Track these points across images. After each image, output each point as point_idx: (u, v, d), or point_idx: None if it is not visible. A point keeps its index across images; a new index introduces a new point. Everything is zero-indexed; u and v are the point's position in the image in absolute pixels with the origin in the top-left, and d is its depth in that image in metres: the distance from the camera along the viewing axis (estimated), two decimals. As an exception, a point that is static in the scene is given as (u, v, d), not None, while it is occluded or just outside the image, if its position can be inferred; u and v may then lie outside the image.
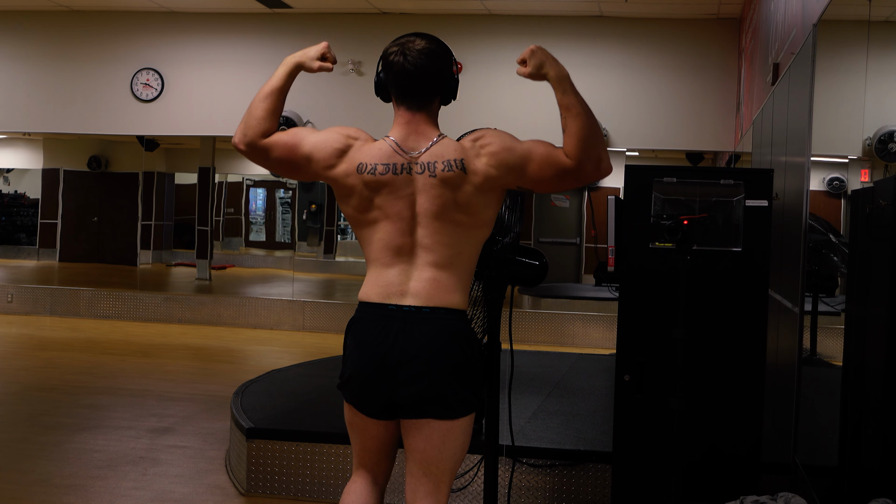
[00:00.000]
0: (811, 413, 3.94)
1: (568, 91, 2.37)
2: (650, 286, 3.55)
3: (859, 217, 3.29)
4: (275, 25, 9.82)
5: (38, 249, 15.74)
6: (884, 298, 2.99)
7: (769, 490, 3.39)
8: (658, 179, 3.52)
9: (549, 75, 2.40)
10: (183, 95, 10.00)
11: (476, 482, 3.97)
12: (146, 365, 7.62)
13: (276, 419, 4.49)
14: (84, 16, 10.14)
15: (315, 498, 4.19)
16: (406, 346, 2.39)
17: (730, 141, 8.97)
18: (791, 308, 3.98)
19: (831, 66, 3.82)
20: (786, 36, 4.76)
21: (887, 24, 3.47)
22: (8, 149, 16.03)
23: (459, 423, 2.43)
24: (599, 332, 9.23)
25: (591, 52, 9.38)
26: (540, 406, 4.92)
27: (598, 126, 2.37)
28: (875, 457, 3.06)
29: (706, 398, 3.52)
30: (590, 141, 2.34)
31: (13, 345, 8.57)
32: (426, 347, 2.39)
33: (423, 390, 2.39)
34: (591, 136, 2.35)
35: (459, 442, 2.45)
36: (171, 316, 10.13)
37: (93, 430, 5.30)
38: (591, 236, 13.18)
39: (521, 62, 2.44)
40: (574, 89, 2.38)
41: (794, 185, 4.04)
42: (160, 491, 4.28)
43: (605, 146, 2.33)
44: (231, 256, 15.96)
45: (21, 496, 4.15)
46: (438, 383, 2.39)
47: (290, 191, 16.57)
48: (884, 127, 3.59)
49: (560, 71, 2.39)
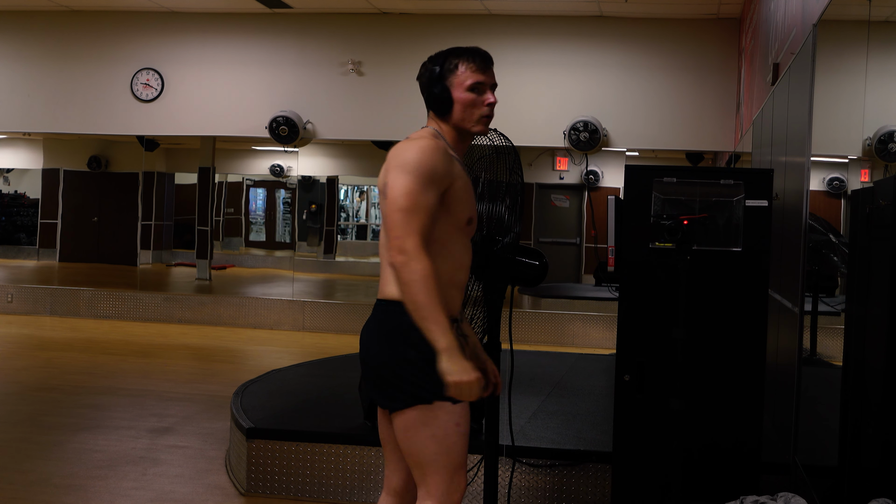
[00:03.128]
0: (811, 413, 3.94)
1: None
2: (650, 286, 3.55)
3: (859, 217, 3.29)
4: (275, 25, 9.82)
5: (38, 249, 15.74)
6: (884, 298, 2.98)
7: (769, 490, 3.39)
8: (658, 179, 3.52)
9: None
10: (183, 95, 10.00)
11: (476, 482, 3.97)
12: (146, 365, 7.62)
13: (276, 419, 4.49)
14: (84, 16, 10.14)
15: (315, 498, 4.19)
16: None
17: (730, 141, 8.97)
18: (791, 308, 3.98)
19: (831, 66, 3.82)
20: (786, 36, 4.76)
21: (887, 24, 3.46)
22: (8, 149, 16.03)
23: (412, 414, 2.41)
24: (599, 332, 9.23)
25: (590, 52, 9.38)
26: (540, 406, 4.92)
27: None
28: (875, 457, 3.06)
29: (706, 398, 3.52)
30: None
31: (13, 345, 8.57)
32: (363, 339, 2.50)
33: (368, 382, 2.53)
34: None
35: (424, 434, 2.41)
36: (171, 316, 10.13)
37: (93, 430, 5.30)
38: (591, 236, 13.18)
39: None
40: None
41: (794, 185, 4.04)
42: (160, 491, 4.28)
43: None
44: (231, 256, 15.96)
45: (21, 496, 4.15)
46: (368, 377, 2.51)
47: (290, 191, 16.57)
48: (884, 127, 3.59)
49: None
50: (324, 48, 9.70)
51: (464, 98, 2.52)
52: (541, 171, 13.27)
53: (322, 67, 9.70)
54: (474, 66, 2.54)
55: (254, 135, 9.88)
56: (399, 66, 9.26)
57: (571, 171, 13.41)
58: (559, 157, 13.29)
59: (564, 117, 9.30)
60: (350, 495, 4.16)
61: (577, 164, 13.27)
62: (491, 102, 2.55)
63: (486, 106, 2.54)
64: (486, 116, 2.55)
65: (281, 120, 9.61)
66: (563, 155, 13.19)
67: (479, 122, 2.54)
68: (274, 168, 15.65)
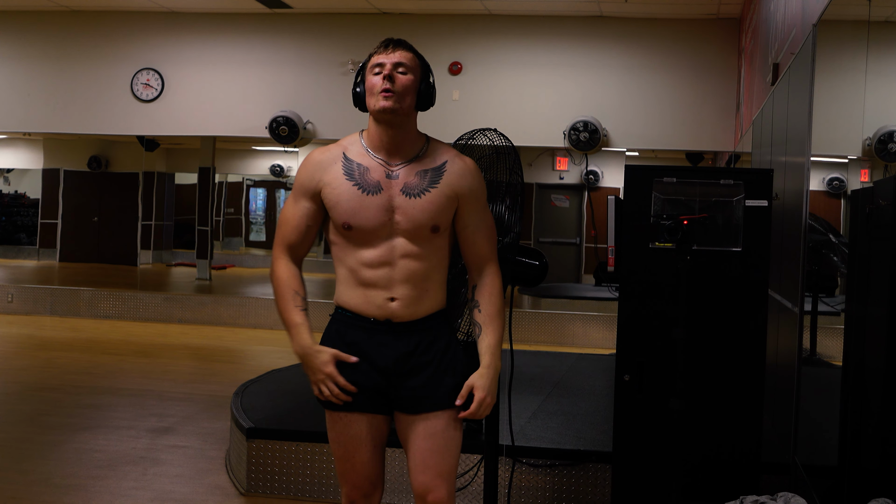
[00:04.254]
0: (811, 413, 3.94)
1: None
2: (650, 286, 3.55)
3: (859, 217, 3.29)
4: (275, 25, 9.82)
5: (39, 249, 15.75)
6: (884, 298, 2.99)
7: (769, 490, 3.39)
8: (658, 179, 3.52)
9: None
10: (183, 95, 10.00)
11: (476, 482, 3.97)
12: (146, 365, 7.62)
13: (276, 419, 4.49)
14: (84, 16, 10.14)
15: (315, 498, 4.19)
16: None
17: (730, 141, 8.97)
18: (791, 308, 3.98)
19: (831, 66, 3.82)
20: (786, 36, 4.76)
21: (887, 24, 3.47)
22: (8, 149, 16.04)
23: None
24: (599, 332, 9.23)
25: (590, 52, 9.39)
26: (540, 406, 4.92)
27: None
28: (875, 457, 3.06)
29: (706, 398, 3.52)
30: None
31: (13, 345, 8.57)
32: None
33: None
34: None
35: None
36: (171, 316, 10.14)
37: (93, 430, 5.30)
38: (591, 236, 13.18)
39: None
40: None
41: (794, 185, 4.04)
42: (160, 491, 4.28)
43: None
44: (231, 256, 15.96)
45: (21, 496, 4.16)
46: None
47: (289, 191, 16.56)
48: (884, 127, 3.59)
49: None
50: (324, 48, 9.70)
51: (368, 84, 2.50)
52: (541, 171, 13.27)
53: (322, 67, 9.70)
54: (377, 51, 2.52)
55: (254, 135, 9.89)
56: (399, 66, 9.25)
57: (571, 171, 13.41)
58: (559, 157, 13.30)
59: (564, 117, 9.30)
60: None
61: (577, 164, 13.28)
62: (386, 76, 2.44)
63: (382, 80, 2.45)
64: (381, 91, 2.45)
65: (281, 120, 9.61)
66: (563, 155, 13.19)
67: (378, 101, 2.46)
68: (274, 168, 15.65)
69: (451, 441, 2.52)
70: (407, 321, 2.49)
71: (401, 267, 2.47)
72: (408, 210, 2.46)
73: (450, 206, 2.50)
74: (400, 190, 2.47)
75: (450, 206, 2.50)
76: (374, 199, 2.45)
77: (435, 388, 2.50)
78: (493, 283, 2.56)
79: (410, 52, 2.52)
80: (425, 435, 2.50)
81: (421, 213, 2.46)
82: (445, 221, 2.50)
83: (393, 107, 2.44)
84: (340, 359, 2.50)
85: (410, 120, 2.52)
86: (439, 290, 2.54)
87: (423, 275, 2.49)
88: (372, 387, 2.51)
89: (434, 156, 2.53)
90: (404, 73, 2.47)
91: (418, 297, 2.49)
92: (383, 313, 2.48)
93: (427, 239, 2.48)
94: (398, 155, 2.50)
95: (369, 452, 2.55)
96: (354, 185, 2.46)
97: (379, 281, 2.47)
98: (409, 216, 2.46)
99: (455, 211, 2.52)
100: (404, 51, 2.50)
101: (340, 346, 2.53)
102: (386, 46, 2.50)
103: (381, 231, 2.46)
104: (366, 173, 2.47)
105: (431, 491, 2.50)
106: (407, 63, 2.48)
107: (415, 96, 2.50)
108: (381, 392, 2.53)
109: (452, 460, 2.53)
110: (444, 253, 2.55)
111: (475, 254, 2.56)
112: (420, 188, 2.47)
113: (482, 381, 2.48)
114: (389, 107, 2.44)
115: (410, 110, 2.50)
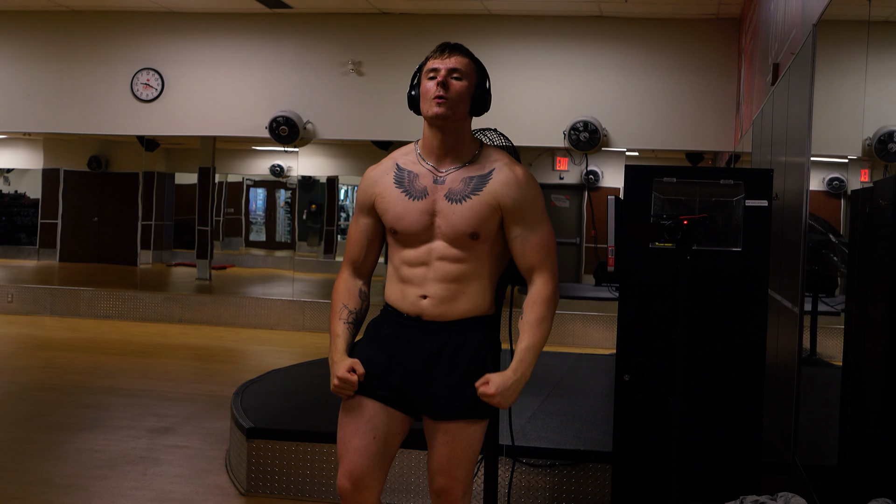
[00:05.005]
0: (811, 413, 3.94)
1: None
2: (650, 286, 3.55)
3: (859, 217, 3.29)
4: (275, 25, 9.82)
5: (39, 249, 15.74)
6: (884, 298, 2.99)
7: (769, 490, 3.39)
8: (658, 179, 3.52)
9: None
10: (183, 95, 10.00)
11: (476, 482, 3.97)
12: (146, 365, 7.62)
13: (276, 419, 4.49)
14: (84, 16, 10.14)
15: (315, 498, 4.19)
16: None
17: (730, 141, 8.97)
18: (791, 308, 3.98)
19: (831, 66, 3.82)
20: (786, 36, 4.76)
21: (887, 24, 3.47)
22: (8, 149, 16.03)
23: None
24: (599, 332, 9.23)
25: (590, 52, 9.39)
26: (540, 406, 4.92)
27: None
28: (875, 457, 3.06)
29: (706, 398, 3.52)
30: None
31: (13, 345, 8.57)
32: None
33: None
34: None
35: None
36: (171, 316, 10.13)
37: (93, 430, 5.30)
38: (591, 236, 13.18)
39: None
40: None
41: (794, 185, 4.04)
42: (160, 491, 4.28)
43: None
44: (231, 256, 15.95)
45: (21, 496, 4.16)
46: None
47: (290, 191, 16.57)
48: (884, 127, 3.59)
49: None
50: (324, 48, 9.70)
51: (423, 89, 2.54)
52: (541, 171, 13.26)
53: (322, 67, 9.70)
54: (433, 55, 2.54)
55: (254, 135, 9.89)
56: (399, 66, 9.26)
57: (571, 171, 13.41)
58: (559, 157, 13.29)
59: (564, 117, 9.30)
60: (350, 495, 4.15)
61: (577, 164, 13.27)
62: (440, 82, 2.47)
63: (436, 86, 2.48)
64: (434, 97, 2.48)
65: (281, 120, 9.61)
66: (563, 155, 13.19)
67: (431, 107, 2.50)
68: (274, 168, 15.64)
69: (469, 450, 2.54)
70: (437, 321, 2.51)
71: (436, 267, 2.50)
72: (448, 215, 2.49)
73: (491, 214, 2.50)
74: (444, 195, 2.50)
75: (491, 215, 2.50)
76: (418, 205, 2.50)
77: (457, 397, 2.50)
78: (539, 291, 2.54)
79: (466, 58, 2.53)
80: (445, 441, 2.53)
81: (460, 219, 2.48)
82: (487, 230, 2.50)
83: (446, 113, 2.47)
84: (354, 368, 2.52)
85: (464, 126, 2.55)
86: (478, 295, 2.53)
87: (458, 276, 2.50)
88: (392, 382, 2.53)
89: (484, 162, 2.55)
90: (459, 78, 2.50)
91: (451, 297, 2.50)
92: (415, 310, 2.52)
93: (467, 245, 2.50)
94: (449, 160, 2.54)
95: (364, 441, 2.50)
96: (403, 191, 2.52)
97: (414, 278, 2.51)
98: (450, 221, 2.49)
99: (501, 220, 2.52)
100: (460, 56, 2.52)
101: (375, 335, 2.59)
102: (442, 51, 2.52)
103: (422, 234, 2.51)
104: (415, 180, 2.53)
105: (447, 491, 2.56)
106: (462, 69, 2.50)
107: (469, 102, 2.52)
108: (401, 391, 2.54)
109: (469, 465, 2.57)
110: (488, 260, 2.54)
111: (524, 264, 2.56)
112: (463, 194, 2.49)
113: (498, 378, 2.45)
114: (442, 113, 2.47)
115: (464, 116, 2.52)
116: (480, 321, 2.56)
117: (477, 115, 2.57)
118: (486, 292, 2.55)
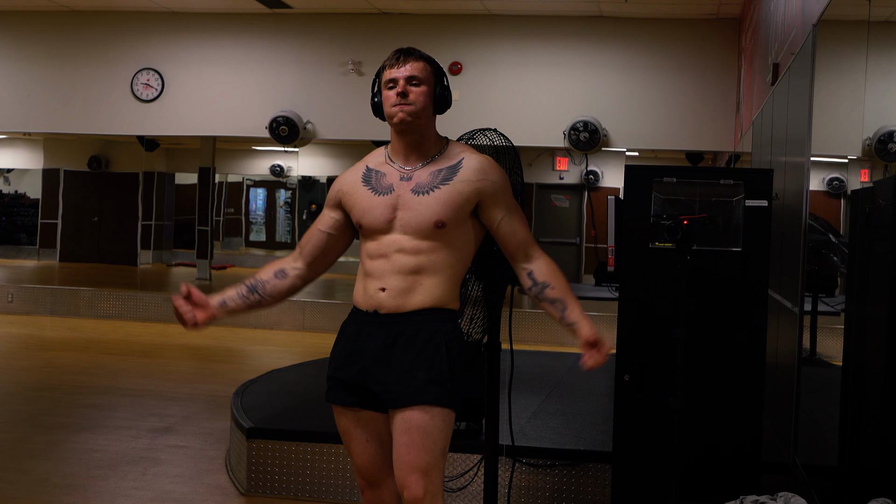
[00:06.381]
0: (811, 413, 3.94)
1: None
2: (650, 286, 3.55)
3: (859, 217, 3.29)
4: (275, 25, 9.82)
5: (39, 249, 15.74)
6: (884, 298, 2.99)
7: (769, 490, 3.39)
8: (658, 179, 3.52)
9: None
10: (183, 95, 10.00)
11: (476, 482, 3.97)
12: (146, 365, 7.62)
13: (276, 419, 4.49)
14: (84, 16, 10.14)
15: (315, 498, 4.19)
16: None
17: (730, 141, 8.97)
18: (791, 308, 3.98)
19: (831, 66, 3.82)
20: (786, 36, 4.76)
21: (887, 24, 3.47)
22: (8, 149, 16.04)
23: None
24: (599, 332, 9.21)
25: (590, 52, 9.39)
26: (540, 406, 4.92)
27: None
28: (875, 457, 3.06)
29: (706, 398, 3.52)
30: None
31: (13, 345, 8.57)
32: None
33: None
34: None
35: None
36: (171, 316, 10.07)
37: (93, 430, 5.30)
38: (591, 236, 13.19)
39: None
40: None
41: (794, 185, 4.04)
42: (160, 491, 4.28)
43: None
44: (231, 256, 15.96)
45: (21, 496, 4.16)
46: None
47: (290, 191, 16.58)
48: (884, 127, 3.59)
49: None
50: (324, 48, 9.71)
51: (384, 97, 2.60)
52: (541, 171, 13.28)
53: (322, 67, 9.70)
54: (388, 63, 2.59)
55: (254, 135, 9.89)
56: (399, 66, 9.25)
57: (571, 171, 13.42)
58: (559, 157, 13.30)
59: (564, 117, 9.30)
60: (350, 495, 4.16)
61: (576, 164, 13.28)
62: (399, 92, 2.53)
63: (396, 96, 2.54)
64: (396, 105, 2.54)
65: (281, 120, 9.61)
66: (563, 155, 13.20)
67: (396, 114, 2.56)
68: (274, 168, 15.65)
69: (426, 437, 2.45)
70: (393, 313, 2.52)
71: (394, 259, 2.53)
72: (413, 206, 2.52)
73: (463, 202, 2.53)
74: (410, 189, 2.55)
75: (463, 203, 2.53)
76: (382, 199, 2.56)
77: (406, 383, 2.48)
78: (549, 261, 2.63)
79: (421, 61, 2.57)
80: (400, 430, 2.48)
81: (426, 208, 2.51)
82: (455, 217, 2.52)
83: (410, 120, 2.54)
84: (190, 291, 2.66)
85: (429, 125, 2.61)
86: (435, 287, 2.52)
87: (416, 268, 2.51)
88: (351, 381, 2.55)
89: (451, 156, 2.60)
90: (417, 84, 2.55)
91: (408, 289, 2.51)
92: (372, 304, 2.54)
93: (431, 235, 2.51)
94: (415, 157, 2.59)
95: (361, 445, 2.60)
96: (369, 188, 2.59)
97: (374, 271, 2.55)
98: (414, 212, 2.52)
99: (477, 208, 2.56)
100: (415, 61, 2.56)
101: (341, 336, 2.61)
102: (397, 59, 2.57)
103: (384, 227, 2.55)
104: (381, 178, 2.59)
105: (406, 487, 2.45)
106: (419, 74, 2.55)
107: (431, 103, 2.58)
108: (362, 385, 2.54)
109: (428, 456, 2.45)
110: (449, 252, 2.54)
111: (516, 242, 2.60)
112: (430, 186, 2.54)
113: (587, 327, 2.63)
114: (407, 119, 2.54)
115: (428, 117, 2.59)
116: (437, 312, 2.54)
117: (440, 113, 2.63)
118: (445, 286, 2.55)
